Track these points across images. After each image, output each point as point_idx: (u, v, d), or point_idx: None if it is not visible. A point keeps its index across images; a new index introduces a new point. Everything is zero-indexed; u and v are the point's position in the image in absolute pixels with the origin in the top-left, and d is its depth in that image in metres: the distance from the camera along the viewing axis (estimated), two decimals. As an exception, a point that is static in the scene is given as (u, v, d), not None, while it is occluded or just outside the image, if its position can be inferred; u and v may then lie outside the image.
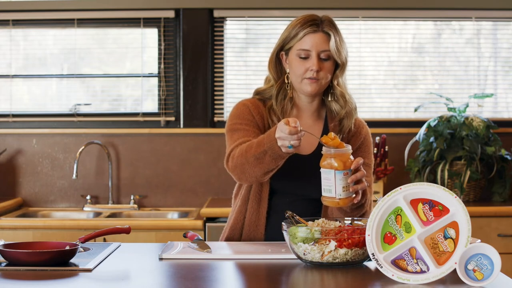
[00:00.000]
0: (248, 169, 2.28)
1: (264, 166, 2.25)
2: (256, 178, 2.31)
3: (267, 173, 2.28)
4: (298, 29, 2.39)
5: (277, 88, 2.47)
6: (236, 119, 2.45)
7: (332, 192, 2.13)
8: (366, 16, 4.39)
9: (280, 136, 2.15)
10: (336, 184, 2.12)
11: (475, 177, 3.99)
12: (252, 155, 2.25)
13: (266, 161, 2.24)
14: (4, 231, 3.74)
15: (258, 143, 2.25)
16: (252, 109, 2.45)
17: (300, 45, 2.38)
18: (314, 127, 2.48)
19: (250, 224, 2.44)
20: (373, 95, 4.48)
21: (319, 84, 2.40)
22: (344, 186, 2.13)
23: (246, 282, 1.98)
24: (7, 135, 4.36)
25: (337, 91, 2.45)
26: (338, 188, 2.12)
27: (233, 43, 4.45)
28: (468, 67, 4.45)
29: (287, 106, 2.46)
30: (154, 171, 4.34)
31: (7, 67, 4.43)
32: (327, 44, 2.37)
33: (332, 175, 2.12)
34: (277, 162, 2.24)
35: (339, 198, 2.14)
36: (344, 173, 2.12)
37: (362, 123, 2.54)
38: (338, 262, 2.01)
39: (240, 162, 2.29)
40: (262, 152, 2.23)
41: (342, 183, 2.12)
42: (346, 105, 2.45)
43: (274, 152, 2.21)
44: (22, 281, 1.88)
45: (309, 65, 2.37)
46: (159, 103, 4.40)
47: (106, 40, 4.47)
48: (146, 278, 1.96)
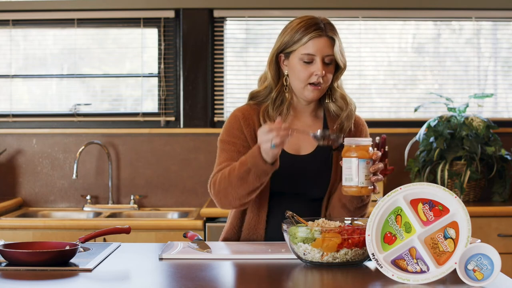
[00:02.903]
0: (231, 192, 2.29)
1: (248, 186, 2.26)
2: (239, 201, 2.31)
3: (251, 192, 2.29)
4: (302, 33, 2.35)
5: (276, 92, 2.44)
6: (225, 134, 2.44)
7: (354, 181, 2.18)
8: (366, 16, 4.39)
9: (261, 138, 2.18)
10: (359, 172, 2.17)
11: (475, 177, 3.99)
12: (235, 176, 2.27)
13: (250, 180, 2.25)
14: (4, 231, 3.75)
15: (240, 163, 2.27)
16: (243, 121, 2.43)
17: (305, 50, 2.35)
18: (313, 127, 2.47)
19: (250, 227, 2.44)
20: (373, 95, 4.48)
21: (322, 90, 2.40)
22: (366, 175, 2.18)
23: (246, 282, 1.98)
24: (7, 135, 4.36)
25: (337, 94, 2.45)
26: (361, 176, 2.17)
27: (233, 43, 4.45)
28: (468, 67, 4.45)
29: (284, 110, 2.44)
30: (154, 171, 4.34)
31: (7, 67, 4.43)
32: (331, 49, 2.36)
33: (355, 164, 2.17)
34: (261, 179, 2.25)
35: (361, 185, 2.18)
36: (367, 162, 2.17)
37: (360, 122, 2.53)
38: (338, 262, 2.01)
39: (223, 186, 2.31)
40: (245, 171, 2.25)
41: (364, 171, 2.17)
42: (347, 107, 2.45)
43: (257, 169, 2.23)
44: (22, 281, 1.88)
45: (313, 69, 2.36)
46: (159, 103, 4.40)
47: (106, 40, 4.47)
48: (146, 278, 1.96)
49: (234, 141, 2.41)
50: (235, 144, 2.41)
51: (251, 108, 2.46)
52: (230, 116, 2.47)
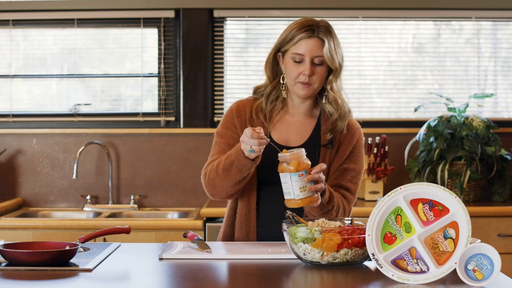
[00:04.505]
0: (218, 183, 2.41)
1: (231, 178, 2.37)
2: (226, 191, 2.43)
3: (234, 185, 2.39)
4: (294, 33, 2.44)
5: (271, 88, 2.53)
6: (220, 126, 2.57)
7: (291, 194, 2.23)
8: (366, 16, 4.39)
9: (243, 140, 2.28)
10: (293, 186, 2.21)
11: (475, 177, 3.99)
12: (221, 168, 2.39)
13: (233, 172, 2.36)
14: (4, 231, 3.74)
15: (226, 156, 2.39)
16: (236, 115, 2.53)
17: (295, 49, 2.44)
18: (306, 124, 2.54)
19: (242, 216, 2.50)
20: (373, 95, 4.48)
21: (311, 88, 2.46)
22: (301, 187, 2.22)
23: (246, 282, 1.98)
24: (7, 135, 4.36)
25: (330, 96, 2.50)
26: (296, 189, 2.22)
27: (233, 43, 4.45)
28: (468, 67, 4.45)
29: (278, 105, 2.53)
30: (154, 171, 4.34)
31: (7, 67, 4.43)
32: (320, 50, 2.43)
33: (288, 178, 2.21)
34: (242, 173, 2.35)
35: (298, 198, 2.22)
36: (299, 175, 2.21)
37: (355, 126, 2.56)
38: (338, 262, 2.01)
39: (212, 177, 2.43)
40: (229, 163, 2.36)
41: (298, 184, 2.21)
42: (338, 110, 2.50)
43: (239, 162, 2.32)
44: (22, 281, 1.88)
45: (302, 69, 2.43)
46: (159, 103, 4.40)
47: (106, 40, 4.47)
48: (146, 278, 1.96)
49: (226, 133, 2.52)
50: (227, 136, 2.51)
51: (248, 101, 2.57)
52: (228, 109, 2.58)
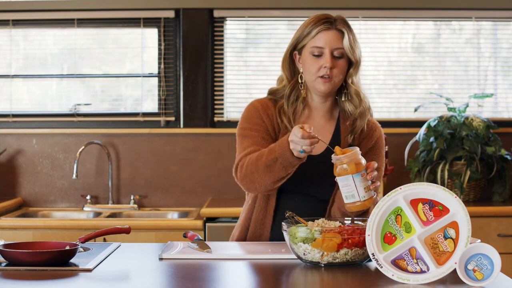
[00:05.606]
0: (258, 178, 2.30)
1: (274, 174, 2.27)
2: (265, 188, 2.32)
3: (276, 181, 2.30)
4: (311, 27, 2.39)
5: (289, 88, 2.46)
6: (246, 122, 2.45)
7: (356, 197, 2.14)
8: (366, 16, 4.39)
9: (293, 140, 2.18)
10: (357, 187, 2.13)
11: (475, 177, 3.99)
12: (262, 163, 2.27)
13: (276, 169, 2.25)
14: (4, 231, 3.74)
15: (269, 150, 2.27)
16: (262, 111, 2.45)
17: (314, 43, 2.38)
18: (326, 127, 2.48)
19: (257, 222, 2.45)
20: (373, 95, 4.48)
21: (332, 83, 2.39)
22: (365, 187, 2.15)
23: (246, 282, 1.98)
24: (7, 135, 4.36)
25: (351, 90, 2.44)
26: (360, 190, 2.14)
27: (233, 43, 4.45)
28: (468, 67, 4.45)
29: (299, 107, 2.46)
30: (154, 171, 4.34)
31: (7, 67, 4.43)
32: (340, 42, 2.38)
33: (351, 180, 2.13)
34: (287, 170, 2.26)
35: (364, 199, 2.15)
36: (362, 174, 2.13)
37: (375, 125, 2.52)
38: (338, 262, 2.01)
39: (250, 171, 2.31)
40: (273, 159, 2.25)
41: (362, 184, 2.14)
42: (360, 104, 2.44)
43: (284, 159, 2.23)
44: (22, 281, 1.88)
45: (322, 62, 2.37)
46: (159, 103, 4.40)
47: (106, 40, 4.47)
48: (146, 278, 1.96)
49: (256, 128, 2.42)
50: (258, 130, 2.42)
51: (269, 101, 2.48)
52: (249, 107, 2.48)
